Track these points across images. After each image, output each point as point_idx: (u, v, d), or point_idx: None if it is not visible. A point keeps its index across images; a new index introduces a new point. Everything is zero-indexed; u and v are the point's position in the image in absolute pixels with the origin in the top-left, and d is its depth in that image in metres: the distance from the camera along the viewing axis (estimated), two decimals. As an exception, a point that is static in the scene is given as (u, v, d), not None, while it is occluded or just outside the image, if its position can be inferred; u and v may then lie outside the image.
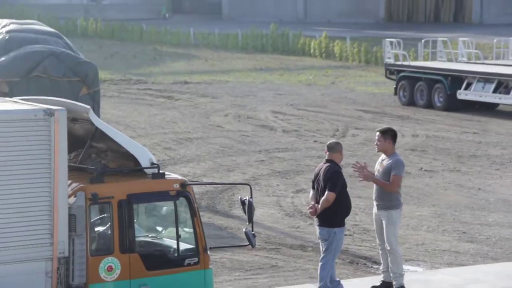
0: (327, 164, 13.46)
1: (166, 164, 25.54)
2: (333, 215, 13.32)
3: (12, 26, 20.71)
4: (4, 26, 20.66)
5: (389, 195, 13.75)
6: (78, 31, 66.86)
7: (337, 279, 13.53)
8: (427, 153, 29.46)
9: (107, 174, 12.38)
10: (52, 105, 11.82)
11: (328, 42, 58.47)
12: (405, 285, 13.59)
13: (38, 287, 11.58)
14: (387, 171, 13.73)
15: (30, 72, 19.41)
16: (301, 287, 14.61)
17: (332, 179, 13.26)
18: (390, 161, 13.79)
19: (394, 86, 40.57)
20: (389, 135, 14.01)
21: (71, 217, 11.71)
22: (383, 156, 13.91)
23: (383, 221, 13.74)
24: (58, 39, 20.88)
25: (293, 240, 19.82)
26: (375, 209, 13.91)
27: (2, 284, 11.36)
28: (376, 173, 14.00)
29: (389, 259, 13.70)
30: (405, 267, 14.31)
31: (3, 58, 19.46)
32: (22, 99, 12.64)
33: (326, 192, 13.23)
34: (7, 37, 20.04)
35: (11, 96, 14.76)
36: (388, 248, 13.66)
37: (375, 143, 13.96)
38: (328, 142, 13.94)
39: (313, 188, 13.70)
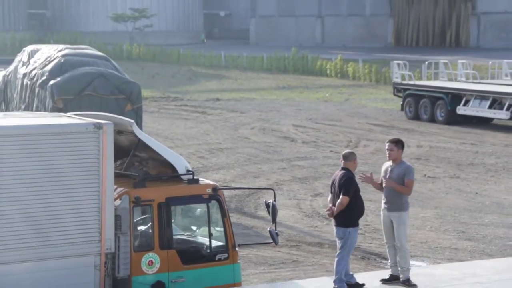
0: (342, 172, 13.45)
1: (200, 171, 25.56)
2: (348, 216, 13.29)
3: (67, 51, 20.82)
4: (60, 51, 20.77)
5: (400, 198, 13.69)
6: (123, 55, 67.09)
7: (351, 272, 13.50)
8: (430, 161, 29.39)
9: (148, 180, 12.43)
10: (101, 120, 11.89)
11: (343, 64, 58.48)
12: (411, 278, 13.54)
13: (88, 279, 11.63)
14: (400, 177, 13.66)
15: (82, 90, 19.50)
16: (319, 280, 14.58)
17: (345, 185, 13.24)
18: (402, 168, 13.73)
19: (401, 103, 40.60)
20: (400, 145, 13.99)
21: (117, 218, 11.77)
22: (390, 164, 13.83)
23: (394, 222, 13.66)
24: (106, 62, 20.96)
25: (311, 238, 19.81)
26: (384, 211, 13.86)
27: (58, 276, 11.43)
28: (385, 180, 13.89)
29: (398, 255, 13.64)
30: (411, 262, 14.25)
31: (59, 79, 19.56)
32: (75, 114, 12.71)
33: (341, 196, 13.22)
34: (62, 60, 20.14)
35: (65, 112, 14.84)
36: (398, 245, 13.60)
37: (388, 152, 13.86)
38: (344, 152, 13.90)
39: (331, 192, 13.69)
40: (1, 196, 11.10)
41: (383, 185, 13.86)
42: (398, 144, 13.92)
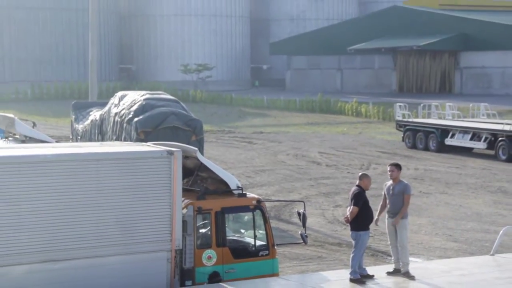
0: (355, 188, 13.38)
1: (247, 187, 25.56)
2: (359, 222, 13.19)
3: (147, 96, 20.99)
4: (142, 96, 20.96)
5: (401, 209, 13.51)
6: (190, 99, 67.40)
7: (363, 266, 13.39)
8: (425, 181, 29.19)
9: (208, 193, 12.47)
10: (172, 148, 11.96)
11: (357, 105, 58.32)
12: (410, 271, 13.40)
13: (162, 269, 11.68)
14: (400, 193, 13.51)
15: (158, 125, 19.61)
16: (338, 272, 14.48)
17: (355, 198, 13.15)
18: (401, 186, 13.58)
19: (402, 135, 40.44)
20: (399, 167, 13.87)
21: (184, 223, 11.81)
22: (391, 183, 13.68)
23: (397, 227, 13.52)
24: (177, 104, 21.09)
25: (333, 240, 19.73)
26: (388, 219, 13.71)
27: (139, 266, 11.49)
28: (388, 196, 13.70)
29: (399, 253, 13.50)
30: (410, 258, 14.12)
31: (141, 116, 19.71)
32: (153, 144, 12.80)
33: (351, 207, 13.15)
34: (144, 103, 20.30)
35: (146, 142, 14.94)
36: (400, 245, 13.45)
37: (390, 173, 13.73)
38: (360, 173, 13.81)
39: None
40: (100, 205, 11.21)
41: (386, 200, 13.70)
42: (397, 166, 13.82)
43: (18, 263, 10.73)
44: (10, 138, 21.81)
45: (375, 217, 13.65)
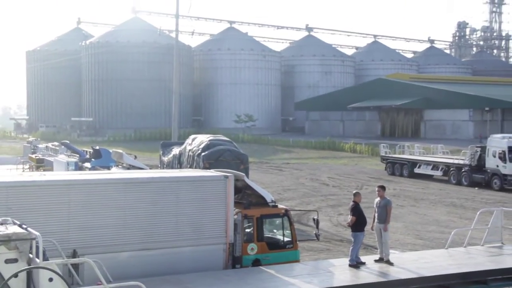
0: (352, 203, 13.23)
1: (278, 200, 25.43)
2: (356, 226, 13.00)
3: (211, 138, 21.15)
4: (208, 138, 21.13)
5: (385, 216, 13.29)
6: (239, 140, 67.54)
7: (359, 256, 13.16)
8: (400, 197, 28.81)
9: (251, 205, 12.43)
10: (227, 173, 11.98)
11: (354, 145, 57.99)
12: (390, 259, 13.13)
13: (220, 256, 11.63)
14: (384, 206, 13.30)
15: (218, 158, 19.71)
16: (341, 260, 14.24)
17: (352, 210, 13.00)
18: (385, 201, 13.38)
19: (385, 166, 40.12)
20: (384, 188, 13.68)
21: (235, 225, 11.78)
22: (378, 199, 13.48)
23: (381, 229, 13.30)
24: (231, 143, 21.20)
25: (337, 237, 19.49)
26: (376, 223, 13.45)
27: (204, 254, 11.44)
28: (376, 208, 13.47)
29: (383, 247, 13.24)
30: (390, 250, 13.85)
31: (207, 152, 19.83)
32: (214, 170, 12.84)
33: (351, 217, 13.00)
34: (208, 142, 20.46)
35: (209, 169, 15.01)
36: (384, 241, 13.20)
37: (377, 192, 13.52)
38: (354, 192, 13.66)
39: (351, 213, 13.39)
40: (178, 212, 11.25)
41: (375, 211, 13.48)
42: (382, 187, 13.64)
43: (123, 250, 10.79)
44: (120, 166, 22.08)
45: (371, 225, 13.46)
